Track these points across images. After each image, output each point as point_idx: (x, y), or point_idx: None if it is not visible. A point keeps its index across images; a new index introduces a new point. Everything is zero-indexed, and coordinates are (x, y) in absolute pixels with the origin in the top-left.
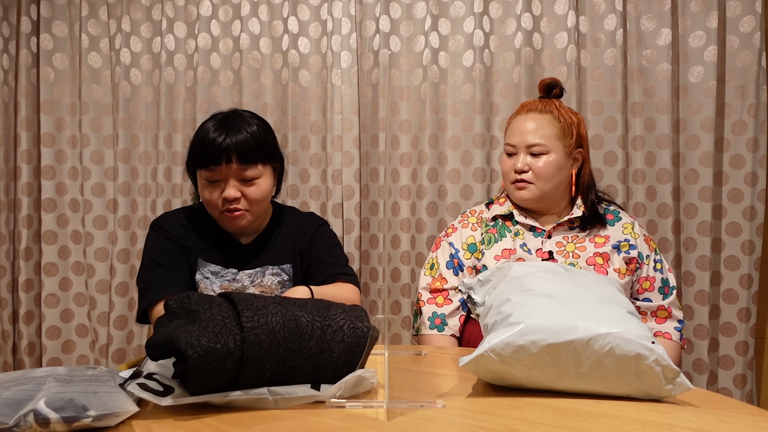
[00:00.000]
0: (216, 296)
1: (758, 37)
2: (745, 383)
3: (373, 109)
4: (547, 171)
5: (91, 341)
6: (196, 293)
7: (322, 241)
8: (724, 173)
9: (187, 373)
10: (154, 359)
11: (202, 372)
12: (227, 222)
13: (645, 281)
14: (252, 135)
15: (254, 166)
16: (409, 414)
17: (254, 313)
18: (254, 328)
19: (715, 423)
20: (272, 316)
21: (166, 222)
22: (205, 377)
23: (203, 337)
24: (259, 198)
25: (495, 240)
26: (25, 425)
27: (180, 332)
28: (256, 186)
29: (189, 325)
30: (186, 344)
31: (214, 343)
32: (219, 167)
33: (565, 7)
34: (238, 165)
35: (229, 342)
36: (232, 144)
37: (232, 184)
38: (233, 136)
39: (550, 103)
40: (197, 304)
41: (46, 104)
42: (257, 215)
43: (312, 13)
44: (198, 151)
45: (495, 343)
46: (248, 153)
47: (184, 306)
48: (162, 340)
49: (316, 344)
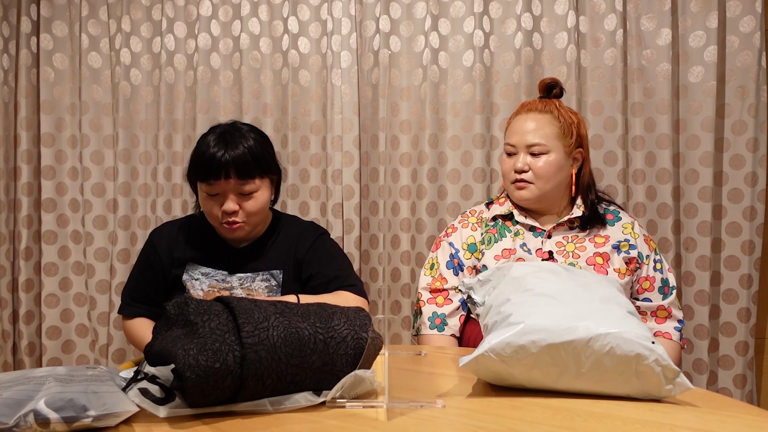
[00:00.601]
0: (214, 304)
1: (758, 37)
2: (745, 383)
3: (373, 109)
4: (546, 171)
5: (91, 341)
6: (194, 299)
7: (322, 253)
8: (724, 173)
9: (185, 392)
10: (153, 365)
11: (200, 392)
12: (226, 233)
13: (645, 281)
14: (249, 150)
15: (252, 181)
16: (409, 414)
17: (255, 327)
18: (255, 344)
19: (715, 423)
20: (273, 329)
21: (158, 236)
22: (203, 396)
23: (201, 355)
24: (256, 211)
25: (495, 240)
26: (25, 425)
27: (177, 349)
28: (254, 199)
29: (187, 340)
30: (183, 365)
31: (212, 362)
32: (218, 182)
33: (565, 7)
34: (236, 180)
35: (228, 359)
36: (231, 160)
37: (230, 198)
38: (231, 151)
39: (550, 103)
40: (196, 314)
41: (46, 104)
42: (254, 225)
43: (312, 13)
44: (198, 165)
45: (495, 343)
46: (246, 168)
47: (182, 313)
48: (160, 352)
49: (318, 358)
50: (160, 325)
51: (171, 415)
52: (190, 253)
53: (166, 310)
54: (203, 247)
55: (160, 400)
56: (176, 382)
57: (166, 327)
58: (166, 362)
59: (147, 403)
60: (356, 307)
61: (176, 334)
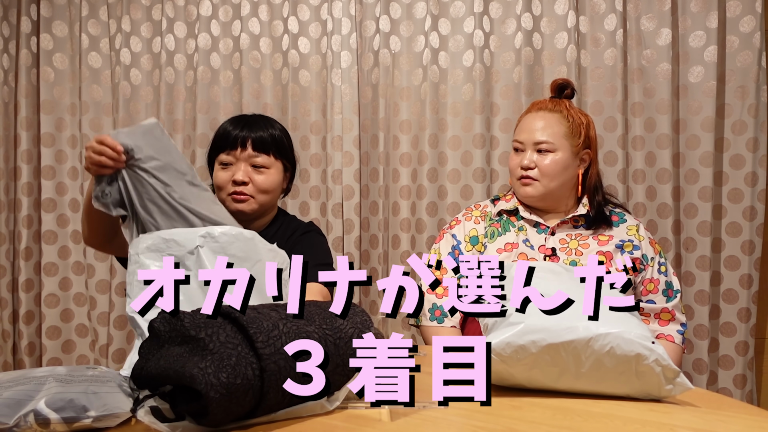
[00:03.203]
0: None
1: (758, 37)
2: (745, 383)
3: (373, 109)
4: (552, 169)
5: (91, 341)
6: (186, 312)
7: (303, 243)
8: (724, 173)
9: (206, 412)
10: (142, 388)
11: (224, 411)
12: (232, 204)
13: (649, 283)
14: (270, 131)
15: (266, 155)
16: (412, 415)
17: (267, 336)
18: (272, 354)
19: (715, 423)
20: (286, 337)
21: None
22: (225, 414)
23: (221, 373)
24: (266, 187)
25: (498, 234)
26: (25, 425)
27: (190, 369)
28: (265, 175)
29: (198, 358)
30: (206, 384)
31: (234, 378)
32: (233, 151)
33: (565, 7)
34: (251, 151)
35: (248, 373)
36: (250, 133)
37: (242, 168)
38: (252, 127)
39: (560, 103)
40: (195, 328)
41: (46, 104)
42: (261, 205)
43: (312, 13)
44: (218, 137)
45: (495, 343)
46: (262, 143)
47: (176, 329)
48: (158, 375)
49: (331, 361)
50: (147, 344)
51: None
52: None
53: (154, 327)
54: None
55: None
56: (184, 405)
57: (156, 346)
58: (163, 385)
59: (158, 425)
60: (355, 309)
61: (176, 352)
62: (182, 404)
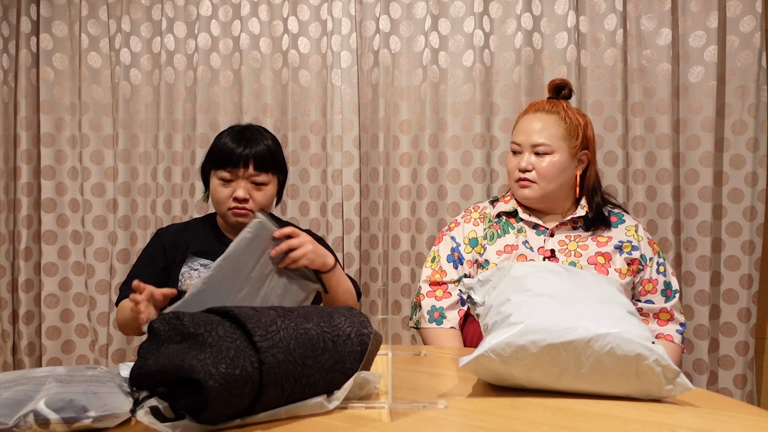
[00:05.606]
0: (210, 315)
1: (758, 37)
2: (745, 383)
3: (373, 109)
4: (550, 171)
5: (91, 341)
6: (186, 313)
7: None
8: (724, 173)
9: (206, 405)
10: (142, 389)
11: (223, 402)
12: (232, 218)
13: (648, 283)
14: (267, 147)
15: (266, 174)
16: (412, 415)
17: (266, 330)
18: (270, 348)
19: (715, 423)
20: (283, 331)
21: (164, 232)
22: (225, 407)
23: (221, 364)
24: (264, 202)
25: (498, 235)
26: (25, 426)
27: (191, 360)
28: (264, 192)
29: (196, 351)
30: (204, 374)
31: (232, 369)
32: (236, 170)
33: (565, 7)
34: (252, 170)
35: (247, 366)
36: (251, 153)
37: (243, 185)
38: (252, 145)
39: (557, 104)
40: (194, 325)
41: (46, 104)
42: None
43: (312, 13)
44: (219, 153)
45: (495, 343)
46: (263, 161)
47: (175, 328)
48: (158, 371)
49: (329, 357)
50: (147, 345)
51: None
52: (195, 246)
53: (154, 327)
54: (205, 241)
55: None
56: (184, 401)
57: (156, 345)
58: (162, 382)
59: (158, 425)
60: (349, 306)
61: (175, 349)
62: (182, 399)
